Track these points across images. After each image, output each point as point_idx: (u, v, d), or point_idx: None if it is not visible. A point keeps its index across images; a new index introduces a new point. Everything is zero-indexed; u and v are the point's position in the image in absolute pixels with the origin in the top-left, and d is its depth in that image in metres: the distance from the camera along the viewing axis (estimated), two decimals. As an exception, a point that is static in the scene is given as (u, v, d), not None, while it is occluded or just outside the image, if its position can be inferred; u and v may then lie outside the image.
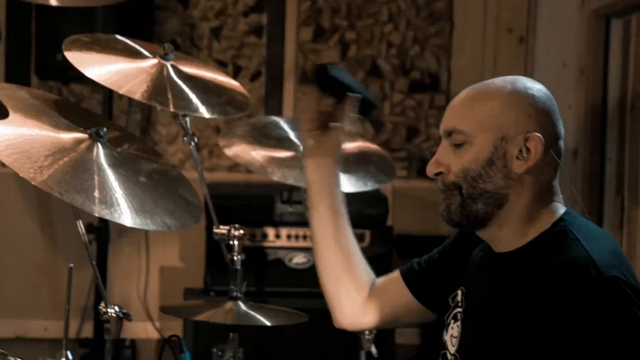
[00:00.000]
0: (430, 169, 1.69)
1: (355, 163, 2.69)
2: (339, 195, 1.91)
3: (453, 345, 1.73)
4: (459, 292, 1.76)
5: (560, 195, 1.69)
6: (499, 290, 1.65)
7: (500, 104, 1.65)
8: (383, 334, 3.02)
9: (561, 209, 1.68)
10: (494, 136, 1.64)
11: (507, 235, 1.67)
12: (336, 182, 1.91)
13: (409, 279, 1.88)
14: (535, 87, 1.68)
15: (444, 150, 1.69)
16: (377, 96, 1.85)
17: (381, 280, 1.94)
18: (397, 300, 1.89)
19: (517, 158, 1.63)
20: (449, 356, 1.74)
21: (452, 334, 1.74)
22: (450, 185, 1.67)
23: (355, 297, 1.90)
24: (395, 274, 1.91)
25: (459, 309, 1.74)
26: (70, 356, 1.51)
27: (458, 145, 1.67)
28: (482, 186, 1.64)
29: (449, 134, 1.68)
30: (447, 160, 1.68)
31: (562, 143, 1.68)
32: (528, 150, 1.63)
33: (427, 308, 1.87)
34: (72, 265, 1.61)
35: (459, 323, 1.72)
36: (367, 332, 2.73)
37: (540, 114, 1.65)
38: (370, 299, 1.91)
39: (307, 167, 1.92)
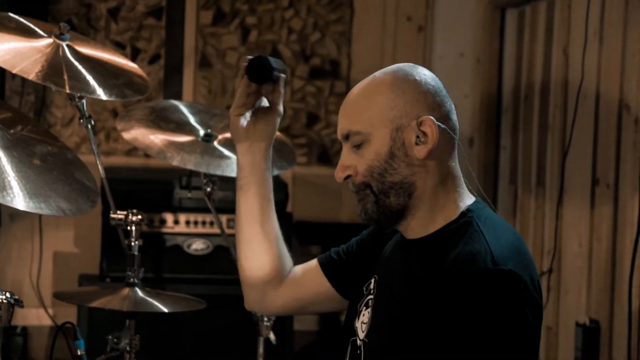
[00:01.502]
0: (338, 175, 1.71)
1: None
2: (268, 180, 1.91)
3: (363, 332, 1.75)
4: (372, 280, 1.78)
5: (463, 181, 1.72)
6: (406, 278, 1.69)
7: (387, 97, 1.67)
8: (281, 320, 3.03)
9: (469, 199, 1.72)
10: (388, 129, 1.67)
11: (417, 222, 1.70)
12: (267, 168, 1.90)
13: (327, 268, 1.89)
14: (417, 72, 1.70)
15: (346, 153, 1.72)
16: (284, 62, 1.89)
17: (299, 267, 1.94)
18: (313, 288, 1.90)
19: (417, 144, 1.66)
20: (358, 342, 1.76)
21: (362, 321, 1.76)
22: (361, 186, 1.70)
23: (272, 282, 1.91)
24: (314, 262, 1.93)
25: (371, 296, 1.76)
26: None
27: (358, 146, 1.69)
28: (389, 179, 1.67)
29: (346, 137, 1.71)
30: (352, 162, 1.70)
31: (454, 118, 1.72)
32: (424, 134, 1.66)
33: (343, 297, 1.88)
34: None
35: (369, 310, 1.75)
36: (265, 319, 2.73)
37: (427, 96, 1.68)
38: (287, 285, 1.92)
39: (240, 150, 1.91)
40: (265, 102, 1.90)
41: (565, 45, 3.32)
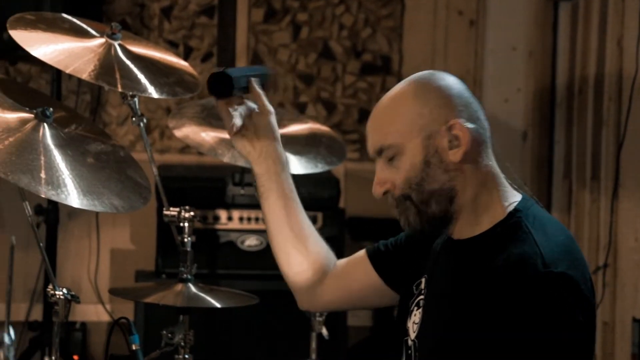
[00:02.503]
0: (377, 191, 1.72)
1: (305, 145, 2.69)
2: (287, 180, 1.92)
3: (414, 332, 1.75)
4: (423, 279, 1.78)
5: (504, 179, 1.72)
6: (454, 279, 1.68)
7: (412, 106, 1.67)
8: (335, 315, 3.04)
9: (514, 197, 1.70)
10: (419, 138, 1.66)
11: (463, 224, 1.69)
12: (283, 169, 1.91)
13: (376, 259, 1.89)
14: (437, 78, 1.70)
15: (381, 168, 1.71)
16: (267, 67, 1.90)
17: (344, 260, 1.95)
18: (361, 280, 1.91)
19: (450, 148, 1.66)
20: (409, 342, 1.76)
21: (414, 321, 1.76)
22: (401, 198, 1.69)
23: (315, 278, 1.91)
24: (361, 253, 1.93)
25: (422, 297, 1.76)
26: (12, 334, 1.49)
27: (391, 159, 1.69)
28: (428, 188, 1.67)
29: (379, 152, 1.71)
30: (388, 177, 1.70)
31: (482, 117, 1.71)
32: (456, 137, 1.66)
33: (391, 289, 1.88)
34: (13, 237, 1.59)
35: (420, 310, 1.75)
36: (318, 314, 2.74)
37: (451, 100, 1.68)
38: (333, 278, 1.92)
39: (252, 162, 1.93)
40: (253, 106, 1.91)
41: (619, 37, 3.27)
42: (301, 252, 1.91)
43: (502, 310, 1.55)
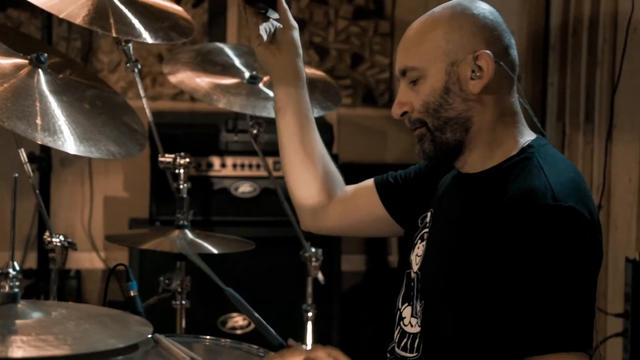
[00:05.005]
0: (395, 111, 1.72)
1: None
2: (305, 98, 1.92)
3: (417, 264, 1.76)
4: (429, 213, 1.78)
5: (522, 117, 1.71)
6: (462, 213, 1.69)
7: (444, 31, 1.67)
8: (329, 261, 3.05)
9: (529, 136, 1.70)
10: (444, 64, 1.66)
11: (475, 157, 1.69)
12: (302, 85, 1.92)
13: (383, 190, 1.90)
14: (475, 5, 1.70)
15: (403, 89, 1.71)
16: None
17: (352, 187, 1.96)
18: (366, 207, 1.92)
19: (472, 79, 1.65)
20: (412, 274, 1.77)
21: (417, 253, 1.77)
22: (416, 122, 1.70)
23: (321, 199, 1.93)
24: (369, 182, 1.93)
25: (426, 230, 1.77)
26: (17, 266, 1.50)
27: (414, 82, 1.69)
28: (445, 115, 1.67)
29: (403, 73, 1.71)
30: (408, 99, 1.70)
31: (513, 53, 1.70)
32: (480, 68, 1.65)
33: (396, 222, 1.89)
34: (16, 175, 1.58)
35: (424, 243, 1.75)
36: (313, 259, 2.75)
37: (484, 30, 1.67)
38: (339, 203, 1.94)
39: (272, 75, 1.92)
40: (276, 24, 1.89)
41: (614, -22, 3.25)
42: (310, 172, 1.92)
43: (510, 241, 1.55)
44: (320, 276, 2.76)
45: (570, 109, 3.62)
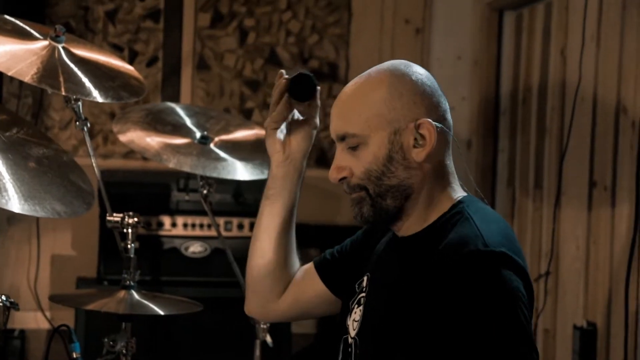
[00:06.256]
0: (333, 175, 1.70)
1: (252, 151, 2.68)
2: (297, 195, 1.88)
3: (354, 329, 1.74)
4: (365, 278, 1.77)
5: (456, 177, 1.72)
6: (398, 274, 1.68)
7: (384, 98, 1.65)
8: (279, 323, 3.02)
9: (460, 192, 1.70)
10: (386, 132, 1.65)
11: (412, 221, 1.69)
12: (299, 182, 1.88)
13: (322, 269, 1.89)
14: (412, 71, 1.68)
15: (341, 154, 1.69)
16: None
17: (300, 271, 1.93)
18: (310, 291, 1.90)
19: (414, 147, 1.65)
20: (349, 340, 1.75)
21: (354, 318, 1.75)
22: (356, 188, 1.68)
23: (277, 291, 1.90)
24: (309, 265, 1.92)
25: (363, 294, 1.76)
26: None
27: (354, 148, 1.67)
28: (387, 183, 1.66)
29: (342, 138, 1.69)
30: (347, 164, 1.68)
31: (449, 116, 1.70)
32: (422, 136, 1.65)
33: (338, 298, 1.87)
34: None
35: (361, 307, 1.74)
36: (262, 322, 2.72)
37: (424, 98, 1.66)
38: (288, 290, 1.91)
39: (275, 162, 1.87)
40: (298, 115, 1.85)
41: (562, 48, 3.32)
42: (278, 262, 1.88)
43: (444, 292, 1.53)
44: (268, 339, 2.73)
45: (520, 175, 3.66)
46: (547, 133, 3.42)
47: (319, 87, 1.85)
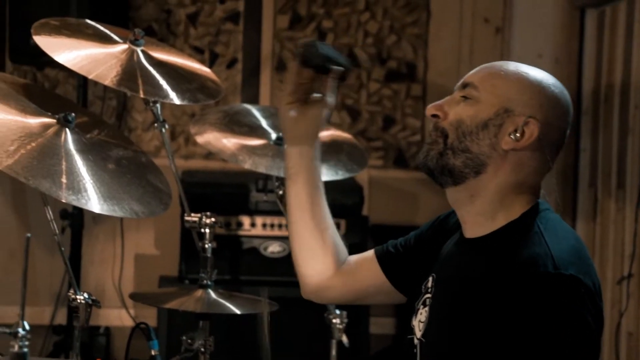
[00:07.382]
0: (430, 110, 1.72)
1: (326, 152, 2.68)
2: (317, 169, 1.91)
3: (420, 330, 1.74)
4: (430, 278, 1.77)
5: (539, 195, 1.71)
6: (464, 277, 1.68)
7: (523, 85, 1.67)
8: (356, 323, 3.02)
9: (532, 202, 1.69)
10: (500, 104, 1.66)
11: (477, 213, 1.69)
12: (316, 156, 1.90)
13: (383, 261, 1.89)
14: (562, 89, 1.71)
15: (451, 99, 1.72)
16: (349, 60, 1.86)
17: (355, 257, 1.95)
18: (368, 279, 1.91)
19: (509, 135, 1.65)
20: (415, 341, 1.75)
21: (420, 319, 1.75)
22: (440, 130, 1.70)
23: (324, 269, 1.91)
24: (370, 253, 1.92)
25: (429, 295, 1.76)
26: (26, 326, 1.50)
27: (466, 98, 1.69)
28: (467, 143, 1.67)
29: (465, 85, 1.71)
30: (449, 109, 1.70)
31: (559, 147, 1.70)
32: (523, 132, 1.65)
33: (398, 291, 1.88)
34: (29, 235, 1.60)
35: (427, 308, 1.74)
36: (338, 321, 2.73)
37: (553, 111, 1.67)
38: (340, 274, 1.92)
39: (288, 139, 1.91)
40: (317, 95, 1.88)
41: (646, 45, 3.25)
42: (319, 246, 1.90)
43: (511, 311, 1.55)
44: (344, 339, 2.74)
45: (602, 175, 3.59)
46: (630, 132, 3.35)
47: (336, 68, 1.83)
